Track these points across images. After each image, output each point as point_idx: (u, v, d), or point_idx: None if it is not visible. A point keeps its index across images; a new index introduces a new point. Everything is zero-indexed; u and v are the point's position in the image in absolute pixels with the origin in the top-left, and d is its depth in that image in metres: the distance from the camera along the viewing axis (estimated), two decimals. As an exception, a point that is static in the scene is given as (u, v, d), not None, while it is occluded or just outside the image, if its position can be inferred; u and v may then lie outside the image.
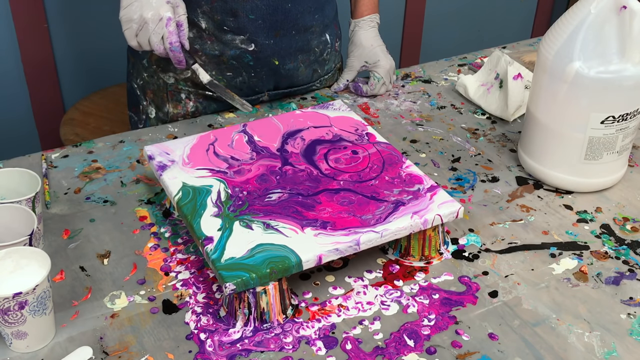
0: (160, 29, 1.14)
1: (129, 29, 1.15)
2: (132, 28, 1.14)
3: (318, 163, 1.07)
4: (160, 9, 1.13)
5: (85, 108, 1.89)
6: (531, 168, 1.16)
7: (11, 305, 0.80)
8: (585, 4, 1.04)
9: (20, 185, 0.98)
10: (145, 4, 1.13)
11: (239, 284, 0.85)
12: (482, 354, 0.85)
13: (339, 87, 1.42)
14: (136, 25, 1.14)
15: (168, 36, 1.14)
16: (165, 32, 1.14)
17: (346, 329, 0.89)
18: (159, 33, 1.14)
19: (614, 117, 1.05)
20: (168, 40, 1.15)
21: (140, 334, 0.88)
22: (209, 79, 1.22)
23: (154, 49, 1.16)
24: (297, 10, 1.28)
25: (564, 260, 1.00)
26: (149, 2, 1.13)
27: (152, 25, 1.13)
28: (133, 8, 1.13)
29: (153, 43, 1.15)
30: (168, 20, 1.13)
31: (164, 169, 1.04)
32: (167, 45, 1.15)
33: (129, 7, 1.14)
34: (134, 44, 1.16)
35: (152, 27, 1.13)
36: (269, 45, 1.28)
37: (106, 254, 0.99)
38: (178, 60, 1.18)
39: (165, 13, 1.13)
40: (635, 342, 0.87)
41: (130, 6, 1.14)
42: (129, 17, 1.14)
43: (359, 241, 0.92)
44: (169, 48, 1.15)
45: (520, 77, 1.32)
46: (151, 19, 1.13)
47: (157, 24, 1.13)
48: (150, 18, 1.13)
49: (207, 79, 1.22)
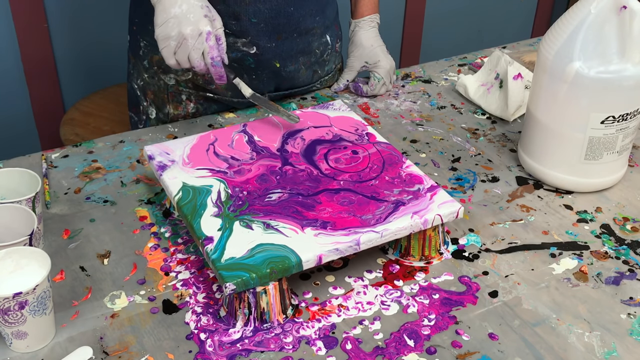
0: (200, 44, 1.08)
1: (167, 47, 1.09)
2: (170, 46, 1.09)
3: (318, 163, 1.07)
4: (199, 24, 1.07)
5: (85, 108, 1.89)
6: (531, 168, 1.16)
7: (11, 305, 0.80)
8: (585, 4, 1.04)
9: (20, 185, 0.98)
10: (183, 19, 1.07)
11: (239, 284, 0.85)
12: (482, 354, 0.85)
13: (339, 87, 1.42)
14: (174, 43, 1.08)
15: (209, 51, 1.09)
16: (205, 47, 1.09)
17: (346, 329, 0.89)
18: (199, 49, 1.08)
19: (614, 117, 1.05)
20: (209, 55, 1.09)
21: (140, 334, 0.88)
22: (252, 92, 1.18)
23: (194, 66, 1.10)
24: (299, 14, 1.28)
25: (564, 260, 1.00)
26: (187, 17, 1.07)
27: (192, 41, 1.07)
28: (170, 25, 1.08)
29: (193, 59, 1.09)
30: (208, 34, 1.08)
31: (164, 169, 1.04)
32: (209, 61, 1.09)
33: (165, 24, 1.08)
34: (172, 63, 1.10)
35: (191, 43, 1.07)
36: (270, 48, 1.28)
37: (106, 254, 0.99)
38: (219, 75, 1.12)
39: (205, 27, 1.07)
40: (635, 342, 0.87)
41: (167, 23, 1.08)
42: (167, 35, 1.08)
43: (359, 241, 0.92)
44: (211, 63, 1.10)
45: (520, 77, 1.32)
46: (190, 35, 1.07)
47: (196, 39, 1.07)
48: (190, 34, 1.07)
49: (249, 93, 1.17)
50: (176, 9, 1.08)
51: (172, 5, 1.08)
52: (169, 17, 1.08)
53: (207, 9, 1.10)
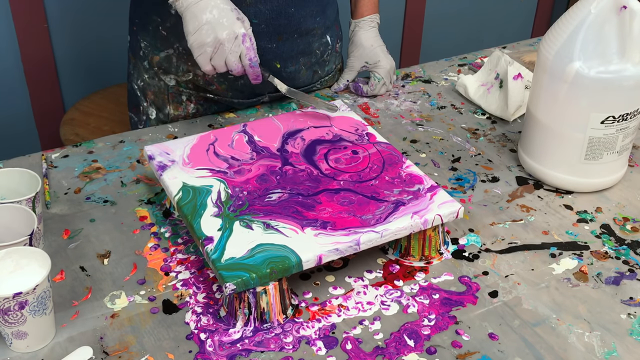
0: (237, 47, 1.09)
1: (204, 53, 1.09)
2: (207, 52, 1.09)
3: (318, 163, 1.07)
4: (234, 27, 1.08)
5: (85, 108, 1.89)
6: (531, 168, 1.16)
7: (11, 305, 0.80)
8: (585, 4, 1.04)
9: (20, 185, 0.98)
10: (217, 24, 1.08)
11: (239, 284, 0.85)
12: (482, 354, 0.85)
13: (339, 88, 1.42)
14: (210, 49, 1.09)
15: (246, 53, 1.10)
16: (242, 50, 1.10)
17: (346, 329, 0.89)
18: (236, 52, 1.10)
19: (614, 117, 1.05)
20: (247, 57, 1.11)
21: (140, 334, 0.88)
22: (287, 87, 1.19)
23: (231, 70, 1.11)
24: (300, 14, 1.28)
25: (564, 260, 1.00)
26: (220, 22, 1.08)
27: (229, 45, 1.08)
28: (204, 31, 1.08)
29: (231, 63, 1.10)
30: (244, 36, 1.09)
31: (164, 169, 1.04)
32: (247, 62, 1.11)
33: (199, 31, 1.08)
34: (208, 69, 1.11)
35: (228, 47, 1.08)
36: (271, 49, 1.28)
37: (106, 254, 0.99)
38: (257, 75, 1.13)
39: (240, 30, 1.09)
40: (635, 342, 0.87)
41: (200, 30, 1.08)
42: (202, 42, 1.09)
43: (359, 241, 0.92)
44: (249, 65, 1.11)
45: (520, 77, 1.32)
46: (227, 39, 1.08)
47: (233, 42, 1.08)
48: (226, 38, 1.08)
49: (285, 89, 1.19)
50: (207, 15, 1.08)
51: (202, 11, 1.08)
52: (202, 24, 1.08)
53: (237, 11, 1.10)
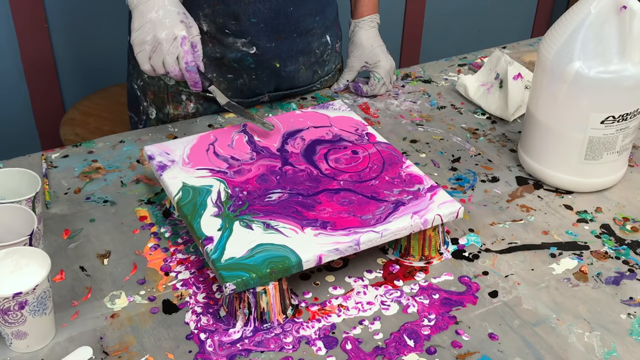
0: (175, 49, 1.08)
1: (142, 51, 1.09)
2: (145, 50, 1.09)
3: (318, 163, 1.07)
4: (174, 28, 1.07)
5: (85, 108, 1.89)
6: (531, 168, 1.16)
7: (11, 305, 0.80)
8: (585, 4, 1.04)
9: (20, 185, 0.98)
10: (158, 24, 1.07)
11: (239, 284, 0.85)
12: (482, 354, 0.85)
13: (339, 87, 1.42)
14: (149, 47, 1.08)
15: (184, 55, 1.08)
16: (180, 52, 1.08)
17: (346, 329, 0.89)
18: (173, 53, 1.08)
19: (614, 117, 1.05)
20: (184, 59, 1.09)
21: (140, 334, 0.88)
22: (227, 100, 1.17)
23: (168, 71, 1.10)
24: (299, 14, 1.28)
25: (564, 260, 1.00)
26: (162, 22, 1.07)
27: (167, 45, 1.07)
28: (145, 29, 1.08)
29: (167, 64, 1.09)
30: (183, 39, 1.08)
31: (164, 169, 1.04)
32: (183, 66, 1.09)
33: (141, 29, 1.08)
34: (146, 68, 1.10)
35: (166, 47, 1.07)
36: (270, 48, 1.28)
37: (106, 254, 0.99)
38: (194, 81, 1.11)
39: (180, 32, 1.07)
40: (635, 342, 0.87)
41: (142, 28, 1.08)
42: (142, 39, 1.08)
43: (359, 241, 0.92)
44: (185, 68, 1.09)
45: (520, 77, 1.32)
46: (165, 39, 1.07)
47: (171, 43, 1.07)
48: (165, 38, 1.07)
49: (224, 101, 1.17)
50: (152, 14, 1.08)
51: (149, 10, 1.08)
52: (145, 22, 1.08)
53: (183, 15, 1.10)
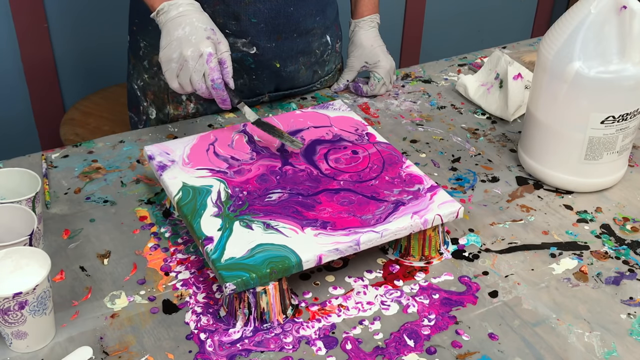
0: (201, 66, 1.06)
1: (169, 69, 1.08)
2: (172, 68, 1.07)
3: (318, 163, 1.07)
4: (200, 45, 1.05)
5: (85, 108, 1.89)
6: (531, 168, 1.16)
7: (11, 305, 0.80)
8: (585, 4, 1.04)
9: (20, 185, 0.98)
10: (185, 41, 1.06)
11: (239, 284, 0.85)
12: (482, 354, 0.85)
13: (339, 87, 1.42)
14: (176, 65, 1.07)
15: (210, 73, 1.06)
16: (206, 69, 1.06)
17: (346, 329, 0.89)
18: (200, 70, 1.06)
19: (614, 117, 1.05)
20: (210, 77, 1.06)
21: (140, 334, 0.88)
22: (257, 117, 1.12)
23: (196, 89, 1.08)
24: (299, 14, 1.28)
25: (564, 260, 1.00)
26: (188, 39, 1.06)
27: (193, 63, 1.05)
28: (172, 47, 1.07)
29: (194, 82, 1.07)
30: (209, 56, 1.05)
31: (164, 169, 1.04)
32: (209, 83, 1.07)
33: (168, 46, 1.07)
34: (175, 86, 1.09)
35: (192, 64, 1.05)
36: (270, 49, 1.28)
37: (106, 254, 0.99)
38: (222, 99, 1.09)
39: (206, 49, 1.05)
40: (635, 342, 0.87)
41: (170, 45, 1.07)
42: (168, 57, 1.07)
43: (359, 241, 0.92)
44: (211, 86, 1.07)
45: (520, 77, 1.32)
46: (191, 56, 1.05)
47: (197, 60, 1.05)
48: (190, 55, 1.05)
49: (254, 118, 1.12)
50: (179, 32, 1.07)
51: (175, 28, 1.07)
52: (172, 40, 1.07)
53: (211, 31, 1.08)
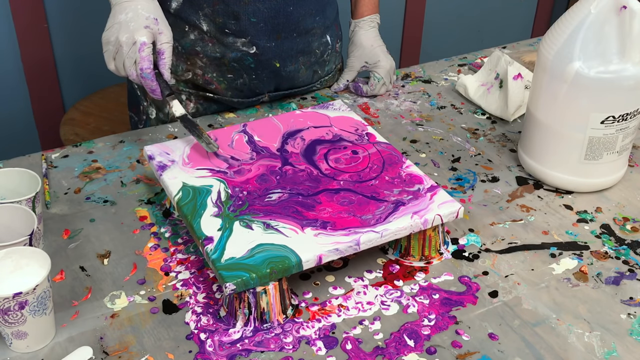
0: (133, 54, 1.07)
1: (107, 51, 1.10)
2: (110, 50, 1.10)
3: (318, 163, 1.07)
4: (135, 33, 1.07)
5: (85, 108, 1.89)
6: (531, 168, 1.16)
7: (11, 305, 0.80)
8: (585, 4, 1.04)
9: (20, 185, 0.98)
10: (124, 26, 1.07)
11: (239, 284, 0.85)
12: (482, 354, 0.85)
13: (339, 87, 1.42)
14: (113, 48, 1.09)
15: (139, 61, 1.07)
16: (137, 57, 1.07)
17: (346, 329, 0.89)
18: (132, 57, 1.08)
19: (614, 117, 1.05)
20: (139, 65, 1.07)
21: (140, 334, 0.88)
22: (182, 113, 1.13)
23: (127, 74, 1.10)
24: (298, 13, 1.28)
25: (564, 260, 1.00)
26: (127, 25, 1.08)
27: (126, 49, 1.08)
28: (112, 30, 1.09)
29: (126, 67, 1.09)
30: (142, 44, 1.07)
31: (164, 169, 1.04)
32: (139, 71, 1.08)
33: (110, 29, 1.09)
34: (111, 68, 1.11)
35: (125, 50, 1.08)
36: (270, 48, 1.28)
37: (106, 254, 0.99)
38: (150, 88, 1.10)
39: (140, 37, 1.07)
40: (635, 342, 0.87)
41: (111, 28, 1.09)
42: (107, 39, 1.09)
43: (359, 241, 0.92)
44: (140, 74, 1.08)
45: (520, 77, 1.32)
46: (125, 42, 1.07)
47: (130, 47, 1.08)
48: (125, 41, 1.07)
49: (180, 113, 1.13)
50: (122, 16, 1.09)
51: (120, 12, 1.09)
52: (114, 23, 1.09)
53: (153, 20, 1.09)
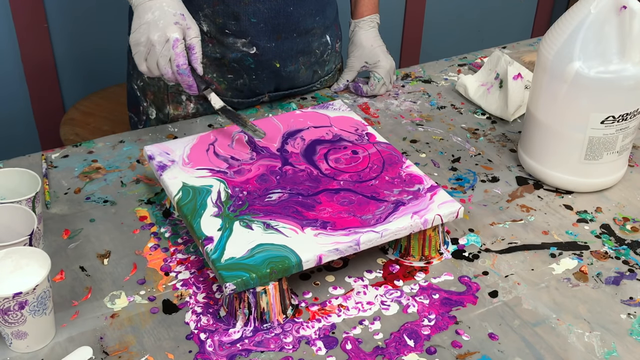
0: (167, 51, 1.07)
1: (138, 52, 1.09)
2: (141, 52, 1.09)
3: (318, 163, 1.07)
4: (167, 30, 1.06)
5: (85, 108, 1.89)
6: (531, 168, 1.16)
7: (11, 305, 0.80)
8: (585, 4, 1.04)
9: (20, 185, 0.98)
10: (153, 26, 1.07)
11: (239, 284, 0.85)
12: (482, 354, 0.85)
13: (339, 87, 1.42)
14: (144, 49, 1.08)
15: (175, 58, 1.07)
16: (172, 55, 1.07)
17: (346, 329, 0.89)
18: (166, 55, 1.07)
19: (614, 117, 1.05)
20: (175, 62, 1.08)
21: (140, 334, 0.88)
22: (222, 105, 1.15)
23: (162, 73, 1.09)
24: (298, 14, 1.28)
25: (564, 260, 1.00)
26: (156, 24, 1.07)
27: (159, 48, 1.07)
28: (141, 31, 1.08)
29: (161, 66, 1.08)
30: (175, 41, 1.07)
31: (164, 169, 1.04)
32: (175, 68, 1.08)
33: (137, 30, 1.08)
34: (143, 69, 1.10)
35: (159, 49, 1.07)
36: (270, 48, 1.28)
37: (106, 254, 0.99)
38: (187, 84, 1.10)
39: (172, 34, 1.06)
40: (635, 342, 0.87)
41: (139, 29, 1.08)
42: (137, 41, 1.08)
43: (359, 241, 0.92)
44: (177, 71, 1.08)
45: (520, 77, 1.32)
46: (158, 41, 1.07)
47: (163, 45, 1.07)
48: (157, 40, 1.06)
49: (219, 106, 1.15)
50: (149, 15, 1.08)
51: (146, 11, 1.08)
52: (142, 23, 1.08)
53: (180, 16, 1.09)
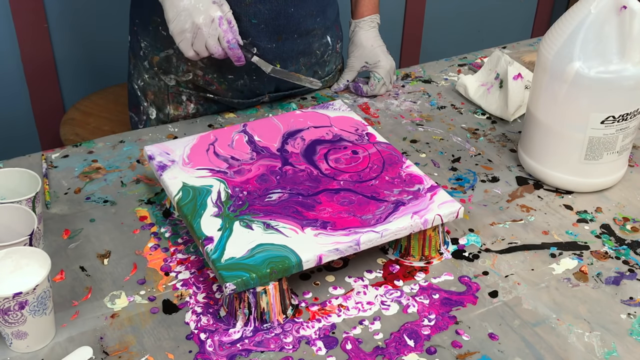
0: (215, 30, 1.12)
1: (184, 39, 1.13)
2: (187, 38, 1.13)
3: (318, 163, 1.07)
4: (209, 10, 1.11)
5: (85, 108, 1.89)
6: (531, 168, 1.16)
7: (11, 305, 0.80)
8: (585, 4, 1.04)
9: (20, 185, 0.98)
10: (194, 10, 1.11)
11: (239, 284, 0.85)
12: (482, 354, 0.85)
13: (339, 88, 1.42)
14: (190, 34, 1.12)
15: (224, 35, 1.13)
16: (220, 32, 1.12)
17: (346, 329, 0.89)
18: (214, 35, 1.12)
19: (614, 117, 1.05)
20: (225, 39, 1.13)
21: (140, 334, 0.88)
22: (271, 67, 1.23)
23: (212, 53, 1.14)
24: (299, 14, 1.28)
25: (564, 260, 1.00)
26: (196, 7, 1.11)
27: (206, 29, 1.11)
28: (182, 18, 1.11)
29: (211, 46, 1.13)
30: (220, 19, 1.12)
31: (164, 169, 1.04)
32: (225, 45, 1.13)
33: (177, 18, 1.12)
34: (191, 55, 1.14)
35: (206, 30, 1.11)
36: (271, 49, 1.28)
37: (106, 254, 0.99)
38: (238, 57, 1.16)
39: (216, 13, 1.11)
40: (635, 342, 0.87)
41: (179, 17, 1.12)
42: (181, 28, 1.12)
43: (359, 241, 0.92)
44: (228, 47, 1.14)
45: (520, 77, 1.32)
46: (204, 23, 1.11)
47: (210, 26, 1.11)
48: (203, 22, 1.11)
49: (269, 69, 1.22)
50: (185, 2, 1.11)
51: None
52: (180, 11, 1.11)
53: None
